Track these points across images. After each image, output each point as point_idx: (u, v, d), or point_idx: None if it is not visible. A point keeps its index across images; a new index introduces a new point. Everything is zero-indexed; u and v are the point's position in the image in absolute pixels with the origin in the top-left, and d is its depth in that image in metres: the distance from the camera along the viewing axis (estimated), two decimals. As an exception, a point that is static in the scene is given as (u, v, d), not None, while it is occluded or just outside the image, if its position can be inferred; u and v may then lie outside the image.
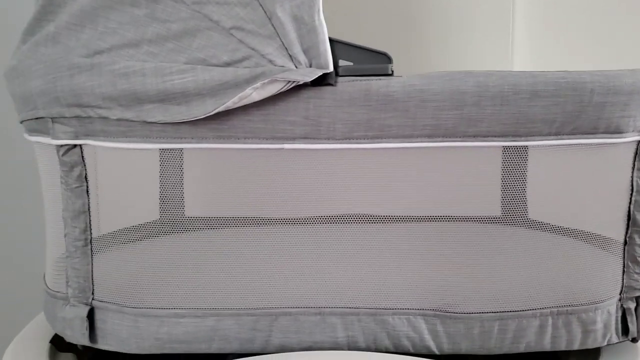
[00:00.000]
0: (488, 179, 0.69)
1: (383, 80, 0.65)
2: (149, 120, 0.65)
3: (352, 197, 0.69)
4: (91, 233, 0.71)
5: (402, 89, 0.65)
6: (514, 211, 0.70)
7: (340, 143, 0.67)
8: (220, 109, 0.63)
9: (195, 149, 0.68)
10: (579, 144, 0.68)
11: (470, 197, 0.69)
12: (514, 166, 0.69)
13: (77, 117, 0.67)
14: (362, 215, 0.70)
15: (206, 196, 0.72)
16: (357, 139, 0.67)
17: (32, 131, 0.72)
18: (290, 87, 0.63)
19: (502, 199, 0.70)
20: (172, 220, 0.74)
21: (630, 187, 0.71)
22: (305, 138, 0.67)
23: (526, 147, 0.68)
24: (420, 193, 0.69)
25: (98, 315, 0.73)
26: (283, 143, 0.67)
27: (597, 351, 0.76)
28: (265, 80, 0.62)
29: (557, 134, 0.67)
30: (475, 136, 0.67)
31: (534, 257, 0.71)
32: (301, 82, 0.63)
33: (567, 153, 0.68)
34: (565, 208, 0.72)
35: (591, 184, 0.71)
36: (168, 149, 0.68)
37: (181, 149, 0.68)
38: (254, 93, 0.62)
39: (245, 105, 0.65)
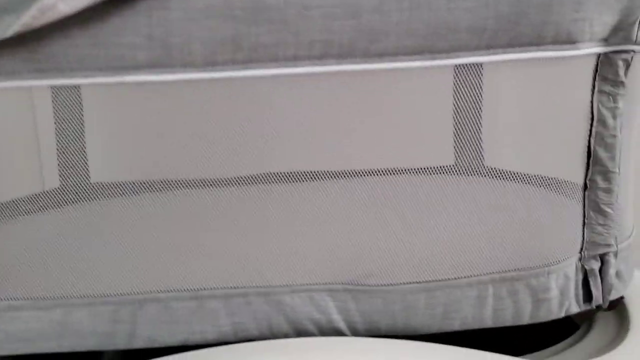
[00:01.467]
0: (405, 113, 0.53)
1: (251, -18, 0.47)
2: None
3: (222, 148, 0.53)
4: None
5: None
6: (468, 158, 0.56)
7: (201, 72, 0.50)
8: (16, 27, 0.45)
9: (10, 88, 0.50)
10: (518, 60, 0.51)
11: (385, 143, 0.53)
12: (440, 94, 0.52)
13: None
14: (242, 176, 0.54)
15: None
16: (223, 65, 0.50)
17: None
18: (116, -7, 0.45)
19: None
20: None
21: (590, 115, 0.55)
22: (152, 67, 0.49)
23: (452, 66, 0.51)
24: (323, 139, 0.53)
25: None
26: (123, 75, 0.50)
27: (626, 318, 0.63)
28: (72, -17, 0.44)
29: (489, 47, 0.50)
30: (380, 55, 0.50)
31: (469, 208, 0.56)
32: None
33: (503, 72, 0.53)
34: (516, 147, 0.57)
35: (542, 113, 0.55)
36: None
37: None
38: (61, 3, 0.45)
39: (65, 27, 0.47)
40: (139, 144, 0.55)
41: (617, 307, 0.64)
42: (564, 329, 0.66)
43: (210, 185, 0.54)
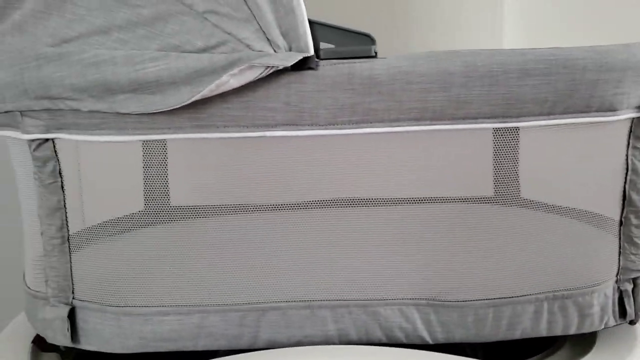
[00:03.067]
0: (479, 160, 0.67)
1: (366, 63, 0.62)
2: (123, 111, 0.62)
3: (339, 184, 0.66)
4: (68, 230, 0.69)
5: (387, 71, 0.62)
6: (506, 191, 0.67)
7: (324, 129, 0.64)
8: (197, 97, 0.60)
9: (178, 139, 0.65)
10: (572, 124, 0.65)
11: (461, 179, 0.67)
12: (506, 147, 0.66)
13: (47, 109, 0.64)
14: (350, 201, 0.67)
15: (191, 185, 0.68)
16: (341, 124, 0.64)
17: (2, 125, 0.68)
18: (270, 72, 0.60)
19: (494, 179, 0.67)
20: (156, 211, 0.70)
21: (625, 166, 0.69)
22: (287, 125, 0.64)
23: (517, 128, 0.65)
24: (409, 177, 0.67)
25: (79, 315, 0.70)
26: (264, 130, 0.64)
27: (593, 335, 0.75)
28: (243, 66, 0.59)
29: (549, 113, 0.64)
30: (464, 118, 0.64)
31: (528, 239, 0.69)
32: (280, 67, 0.60)
33: (559, 132, 0.66)
34: (559, 187, 0.69)
35: (585, 163, 0.69)
36: (149, 141, 0.65)
37: (164, 140, 0.65)
38: (232, 80, 0.59)
39: (223, 93, 0.61)
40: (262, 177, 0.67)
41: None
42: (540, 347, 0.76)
43: (318, 207, 0.67)
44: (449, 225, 0.68)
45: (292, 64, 0.60)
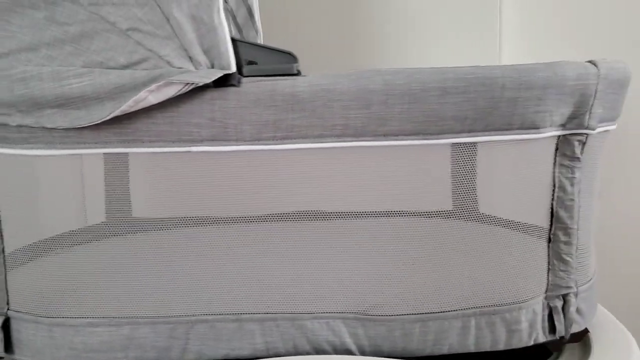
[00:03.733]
0: (397, 177, 0.67)
1: (289, 80, 0.63)
2: (49, 125, 0.64)
3: (267, 198, 0.67)
4: (3, 248, 0.70)
5: (308, 88, 0.63)
6: (464, 206, 0.68)
7: (249, 144, 0.65)
8: (116, 113, 0.61)
9: (108, 153, 0.66)
10: (495, 141, 0.66)
11: (379, 194, 0.68)
12: (435, 164, 0.67)
13: None
14: (278, 215, 0.68)
15: (122, 200, 0.70)
16: (266, 140, 0.65)
17: None
18: (190, 89, 0.61)
19: (444, 193, 0.68)
20: (87, 230, 0.72)
21: (552, 183, 0.69)
22: (212, 140, 0.65)
23: (438, 145, 0.66)
24: (337, 191, 0.68)
25: (14, 325, 0.71)
26: (190, 146, 0.65)
27: (588, 344, 0.75)
28: (160, 83, 0.60)
29: (470, 131, 0.65)
30: (385, 135, 0.65)
31: (455, 252, 0.69)
32: (200, 84, 0.61)
33: (487, 149, 0.67)
34: (495, 199, 0.70)
35: (516, 178, 0.69)
36: (80, 154, 0.66)
37: (97, 154, 0.66)
38: (150, 96, 0.60)
39: (148, 109, 0.63)
40: (192, 191, 0.68)
41: (583, 337, 0.77)
42: (539, 355, 0.78)
43: (246, 221, 0.68)
44: (380, 241, 0.69)
45: (211, 80, 0.61)
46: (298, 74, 0.65)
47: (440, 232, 0.69)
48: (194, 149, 0.65)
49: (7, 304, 0.71)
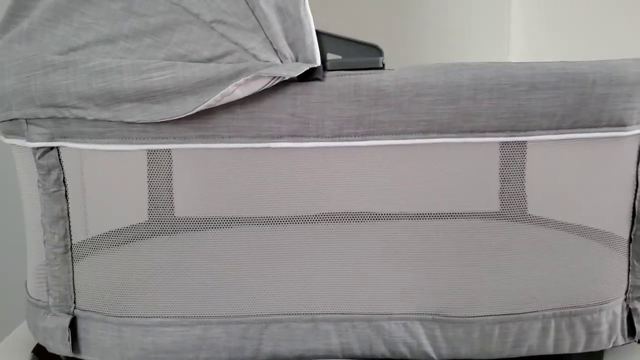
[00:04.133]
0: (485, 174, 0.66)
1: (374, 75, 0.62)
2: (127, 120, 0.62)
3: (344, 196, 0.66)
4: (71, 239, 0.68)
5: (395, 83, 0.61)
6: (512, 206, 0.67)
7: (330, 141, 0.64)
8: (202, 107, 0.60)
9: (183, 149, 0.64)
10: (580, 138, 0.64)
11: (467, 193, 0.66)
12: (512, 161, 0.65)
13: (52, 117, 0.64)
14: (355, 215, 0.67)
15: (196, 197, 0.68)
16: (347, 137, 0.64)
17: (8, 133, 0.68)
18: (276, 83, 0.60)
19: (500, 194, 0.67)
20: (160, 221, 0.71)
21: (635, 182, 0.68)
22: (292, 136, 0.63)
23: (524, 142, 0.64)
24: (415, 190, 0.66)
25: (81, 325, 0.69)
26: (269, 142, 0.64)
27: (600, 352, 0.73)
28: (249, 77, 0.58)
29: (558, 128, 0.64)
30: (471, 131, 0.63)
31: (535, 255, 0.68)
32: (287, 78, 0.59)
33: (567, 147, 0.65)
34: (567, 203, 0.69)
35: (594, 179, 0.68)
36: (155, 150, 0.65)
37: (169, 150, 0.64)
38: (237, 90, 0.59)
39: (228, 103, 0.61)
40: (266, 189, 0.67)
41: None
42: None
43: (322, 220, 0.66)
44: (454, 240, 0.67)
45: (298, 74, 0.60)
46: (383, 67, 0.63)
47: (517, 236, 0.67)
48: (273, 145, 0.64)
49: (74, 302, 0.69)
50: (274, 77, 0.59)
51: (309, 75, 0.61)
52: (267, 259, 0.67)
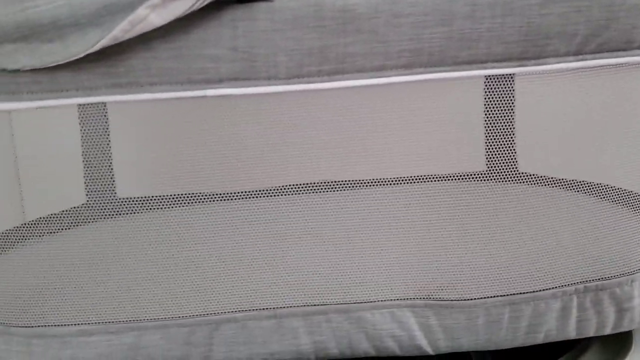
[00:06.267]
0: (469, 119, 0.52)
1: (339, -9, 0.46)
2: (11, 67, 0.46)
3: (307, 160, 0.51)
4: None
5: (367, 1, 0.46)
6: (510, 162, 0.54)
7: (286, 83, 0.49)
8: (105, 41, 0.44)
9: (119, 102, 0.49)
10: (607, 65, 0.50)
11: (453, 149, 0.52)
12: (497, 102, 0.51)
13: None
14: (322, 183, 0.52)
15: (133, 170, 0.55)
16: (308, 76, 0.49)
17: None
18: (205, 3, 0.44)
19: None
20: (99, 204, 0.57)
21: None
22: (235, 79, 0.48)
23: (536, 73, 0.50)
24: (395, 149, 0.52)
25: None
26: (205, 88, 0.48)
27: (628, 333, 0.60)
28: (166, -6, 0.43)
29: (578, 53, 0.49)
30: (470, 63, 0.49)
31: (547, 220, 0.54)
32: None
33: (588, 78, 0.51)
34: (580, 156, 0.55)
35: (614, 121, 0.55)
36: (49, 107, 0.49)
37: (104, 103, 0.49)
38: (152, 14, 0.43)
39: (146, 38, 0.46)
40: (208, 155, 0.53)
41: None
42: (560, 344, 0.63)
43: (286, 193, 0.53)
44: (445, 206, 0.54)
45: None
46: (350, -18, 0.48)
47: (508, 197, 0.54)
48: (210, 92, 0.48)
49: None
50: (202, -5, 0.43)
51: (252, -5, 0.46)
52: (212, 245, 0.53)
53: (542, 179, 0.56)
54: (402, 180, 0.54)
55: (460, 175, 0.54)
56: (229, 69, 0.48)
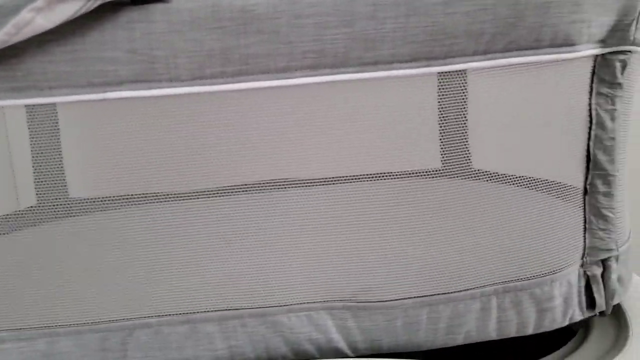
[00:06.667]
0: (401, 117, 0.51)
1: (238, -9, 0.45)
2: None
3: (218, 162, 0.50)
4: None
5: (266, 0, 0.45)
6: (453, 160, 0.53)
7: (188, 85, 0.47)
8: None
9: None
10: (516, 64, 0.49)
11: (372, 149, 0.51)
12: (452, 98, 0.50)
13: None
14: (234, 186, 0.51)
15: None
16: (211, 78, 0.47)
17: None
18: (96, 5, 0.43)
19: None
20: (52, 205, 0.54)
21: (589, 119, 0.54)
22: (135, 81, 0.47)
23: (464, 71, 0.49)
24: (310, 148, 0.51)
25: None
26: (105, 91, 0.47)
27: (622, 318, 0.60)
28: (50, -4, 0.41)
29: (487, 52, 0.49)
30: (375, 63, 0.48)
31: (468, 218, 0.54)
32: None
33: (504, 77, 0.50)
34: (508, 150, 0.54)
35: (538, 118, 0.53)
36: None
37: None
38: (38, 17, 0.42)
39: (42, 42, 0.44)
40: (120, 159, 0.51)
41: (615, 312, 0.62)
42: (560, 335, 0.64)
43: (198, 197, 0.52)
44: (361, 207, 0.53)
45: None
46: (250, -19, 0.46)
47: (433, 193, 0.53)
48: (110, 95, 0.47)
49: None
50: (90, -4, 0.42)
51: (148, -5, 0.44)
52: (127, 249, 0.52)
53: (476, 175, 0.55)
54: (319, 181, 0.52)
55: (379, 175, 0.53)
56: (128, 71, 0.47)
